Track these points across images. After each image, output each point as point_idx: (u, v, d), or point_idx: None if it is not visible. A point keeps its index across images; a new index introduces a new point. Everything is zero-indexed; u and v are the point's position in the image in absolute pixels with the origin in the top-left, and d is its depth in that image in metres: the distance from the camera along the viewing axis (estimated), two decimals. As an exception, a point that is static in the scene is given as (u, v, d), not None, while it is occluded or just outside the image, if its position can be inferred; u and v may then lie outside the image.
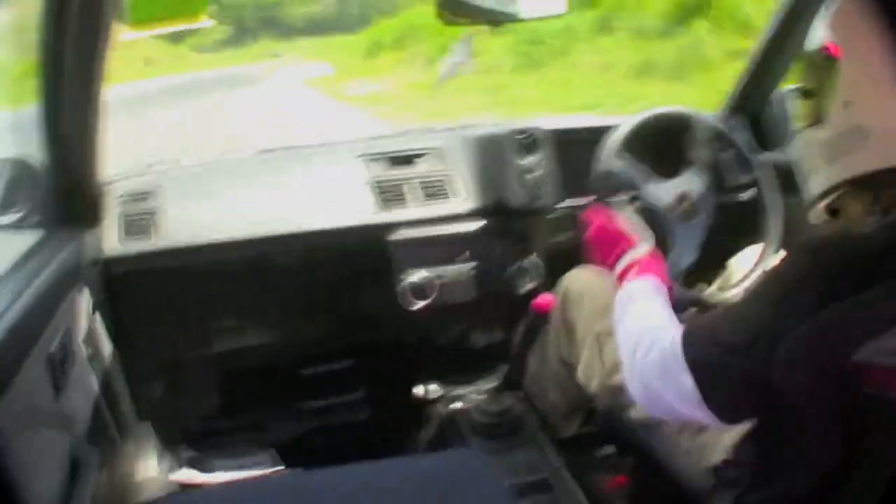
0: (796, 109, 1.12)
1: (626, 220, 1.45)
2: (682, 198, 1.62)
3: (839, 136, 0.97)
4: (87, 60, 1.33)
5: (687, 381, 1.00)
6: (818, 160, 1.02)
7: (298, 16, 20.93)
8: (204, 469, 1.91)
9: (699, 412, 1.01)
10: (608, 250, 1.39)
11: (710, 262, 1.66)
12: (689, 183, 1.65)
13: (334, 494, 1.26)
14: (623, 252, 1.35)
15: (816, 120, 1.02)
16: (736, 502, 1.06)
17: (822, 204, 1.02)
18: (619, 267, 1.34)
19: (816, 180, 1.03)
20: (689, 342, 1.02)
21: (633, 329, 1.16)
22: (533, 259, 1.89)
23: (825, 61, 0.99)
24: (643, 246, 1.35)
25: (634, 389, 1.12)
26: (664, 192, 1.63)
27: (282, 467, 1.93)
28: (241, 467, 1.95)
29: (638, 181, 1.62)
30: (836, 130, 0.98)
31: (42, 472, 1.14)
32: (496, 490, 1.27)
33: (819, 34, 1.04)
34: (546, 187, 1.83)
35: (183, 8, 1.17)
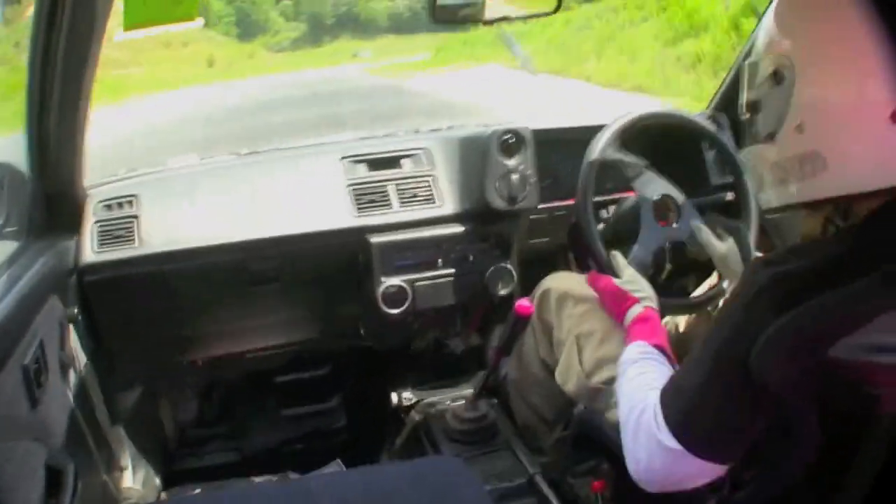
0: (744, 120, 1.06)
1: (625, 277, 1.48)
2: (668, 198, 1.64)
3: (790, 160, 0.93)
4: (74, 69, 1.32)
5: (671, 441, 0.99)
6: (768, 178, 1.00)
7: (381, 11, 19.51)
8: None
9: (691, 471, 1.01)
10: (615, 309, 1.42)
11: (696, 264, 1.67)
12: (676, 189, 1.66)
13: (315, 500, 1.25)
14: (625, 311, 1.39)
15: (763, 136, 0.99)
16: (719, 502, 1.07)
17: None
18: (627, 322, 1.37)
19: (767, 196, 1.01)
20: (665, 407, 1.02)
21: (625, 404, 1.13)
22: (511, 263, 1.89)
23: (773, 76, 0.95)
24: (639, 305, 1.38)
25: (632, 463, 1.09)
26: (654, 187, 1.63)
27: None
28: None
29: (631, 172, 1.63)
30: (787, 153, 0.94)
31: (19, 483, 1.13)
32: (476, 496, 1.28)
33: (764, 41, 0.99)
34: (527, 191, 1.84)
35: (175, 9, 1.17)
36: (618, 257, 1.55)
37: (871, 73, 0.82)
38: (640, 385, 1.13)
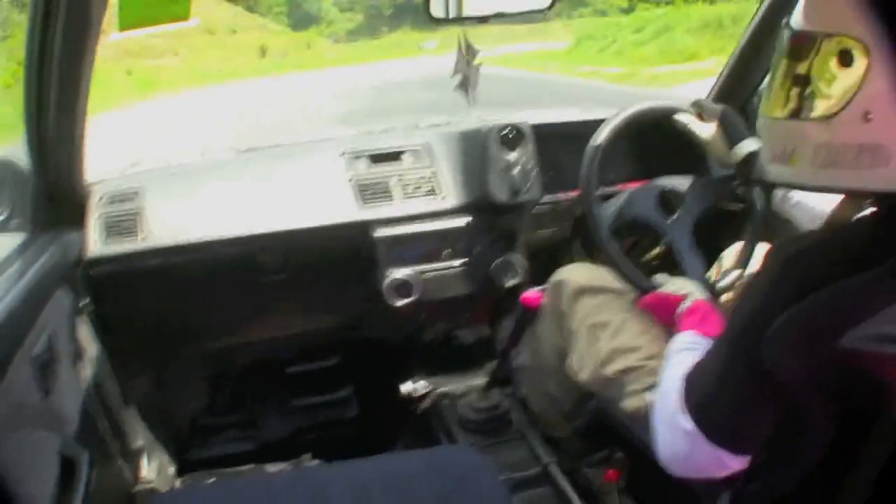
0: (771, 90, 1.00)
1: (666, 284, 1.47)
2: (671, 193, 1.63)
3: (848, 148, 0.89)
4: (73, 62, 1.31)
5: (688, 423, 1.00)
6: (803, 156, 0.95)
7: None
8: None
9: (712, 459, 1.01)
10: (667, 316, 1.40)
11: (703, 256, 1.66)
12: (677, 179, 1.66)
13: (327, 490, 1.25)
14: (675, 309, 1.37)
15: (802, 111, 0.95)
16: (732, 495, 1.06)
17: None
18: (677, 321, 1.35)
19: (794, 172, 0.97)
20: (686, 385, 1.03)
21: (660, 392, 1.14)
22: (517, 254, 1.89)
23: (843, 56, 0.89)
24: (687, 300, 1.36)
25: (658, 447, 1.11)
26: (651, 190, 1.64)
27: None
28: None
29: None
30: (846, 140, 0.89)
31: (33, 474, 1.13)
32: (492, 485, 1.28)
33: (814, 14, 0.94)
34: (530, 182, 1.83)
35: (169, 8, 1.16)
36: (660, 276, 1.54)
37: None
38: (677, 371, 1.12)
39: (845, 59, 0.89)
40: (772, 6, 1.78)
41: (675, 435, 1.04)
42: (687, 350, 1.19)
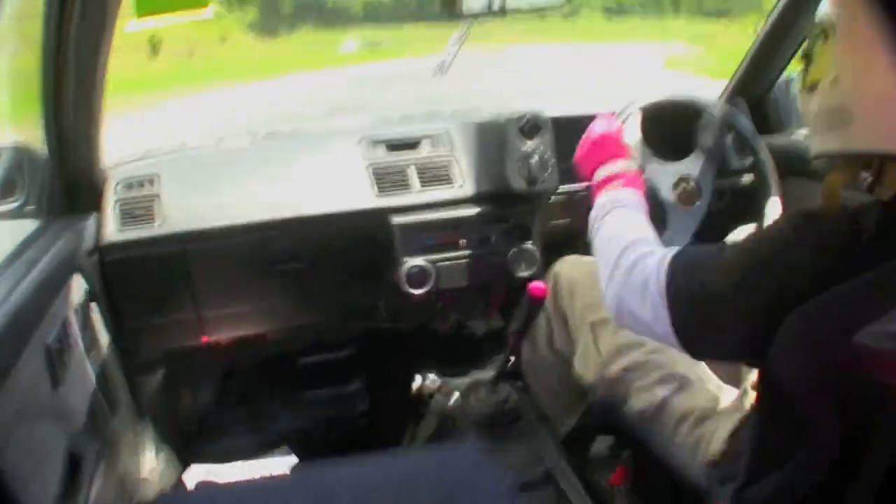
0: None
1: (630, 135, 1.46)
2: (682, 181, 1.64)
3: (824, 111, 0.97)
4: (91, 47, 1.31)
5: (664, 312, 1.02)
6: (812, 125, 1.03)
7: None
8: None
9: (668, 339, 1.03)
10: (596, 155, 1.36)
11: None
12: (690, 167, 1.69)
13: (335, 488, 1.26)
14: (609, 159, 1.33)
15: (809, 86, 1.01)
16: (735, 495, 1.06)
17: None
18: (601, 174, 1.32)
19: (811, 142, 1.04)
20: (673, 276, 1.02)
21: (616, 239, 1.15)
22: (532, 245, 1.88)
23: (822, 32, 0.98)
24: (630, 163, 1.34)
25: (610, 300, 1.13)
26: (665, 174, 1.66)
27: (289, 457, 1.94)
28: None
29: (641, 161, 1.65)
30: (823, 105, 0.98)
31: (40, 466, 1.13)
32: (497, 485, 1.28)
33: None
34: (547, 172, 1.83)
35: (187, -3, 1.16)
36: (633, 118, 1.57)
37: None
38: (628, 230, 1.16)
39: (825, 35, 0.98)
40: (788, 4, 1.81)
41: (643, 308, 1.05)
42: (622, 207, 1.22)
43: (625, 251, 1.12)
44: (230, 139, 2.03)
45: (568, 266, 1.69)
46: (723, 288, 0.97)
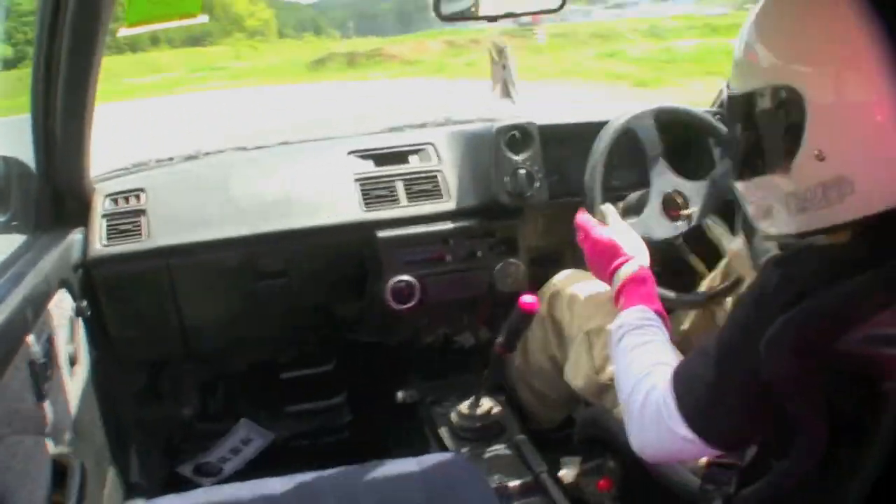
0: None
1: (617, 230, 1.44)
2: (678, 195, 1.64)
3: (810, 190, 0.91)
4: (80, 60, 1.32)
5: (685, 431, 1.00)
6: (779, 208, 0.98)
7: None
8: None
9: (700, 449, 1.02)
10: (605, 264, 1.36)
11: (705, 259, 1.68)
12: (693, 190, 1.66)
13: (320, 497, 1.25)
14: (617, 268, 1.33)
15: (764, 167, 0.97)
16: (726, 501, 1.06)
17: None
18: (615, 286, 1.32)
19: (777, 224, 1.00)
20: (679, 392, 1.02)
21: (628, 373, 1.14)
22: (519, 258, 1.88)
23: (780, 105, 0.93)
24: (634, 262, 1.34)
25: (634, 442, 1.11)
26: (666, 180, 1.64)
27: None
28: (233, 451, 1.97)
29: (650, 151, 1.64)
30: (807, 183, 0.91)
31: (25, 478, 1.12)
32: (482, 493, 1.28)
33: (745, 71, 0.97)
34: (534, 185, 1.83)
35: (178, 6, 1.17)
36: (610, 209, 1.52)
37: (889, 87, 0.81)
38: (645, 357, 1.13)
39: (782, 108, 0.92)
40: None
41: (661, 437, 1.04)
42: (647, 327, 1.19)
43: (633, 390, 1.10)
44: (220, 151, 2.03)
45: (568, 279, 1.71)
46: (714, 378, 0.98)
